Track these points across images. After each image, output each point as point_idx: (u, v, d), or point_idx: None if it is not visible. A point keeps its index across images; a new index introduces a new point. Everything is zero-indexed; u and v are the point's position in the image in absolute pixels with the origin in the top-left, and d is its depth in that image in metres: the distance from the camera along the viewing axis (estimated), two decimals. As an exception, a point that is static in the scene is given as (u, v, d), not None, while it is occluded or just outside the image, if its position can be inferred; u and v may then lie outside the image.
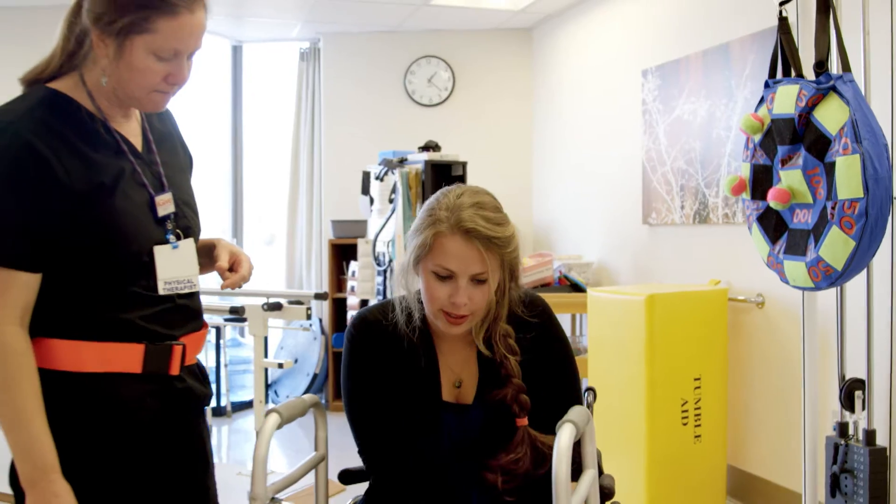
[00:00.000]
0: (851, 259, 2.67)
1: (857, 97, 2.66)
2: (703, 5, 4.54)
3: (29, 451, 1.54)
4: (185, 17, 1.60)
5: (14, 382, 1.54)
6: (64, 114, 1.64)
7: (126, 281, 1.66)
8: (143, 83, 1.63)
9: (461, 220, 1.78)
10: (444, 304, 1.81)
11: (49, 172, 1.56)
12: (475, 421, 1.91)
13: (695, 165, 4.54)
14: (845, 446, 3.19)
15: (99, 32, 1.60)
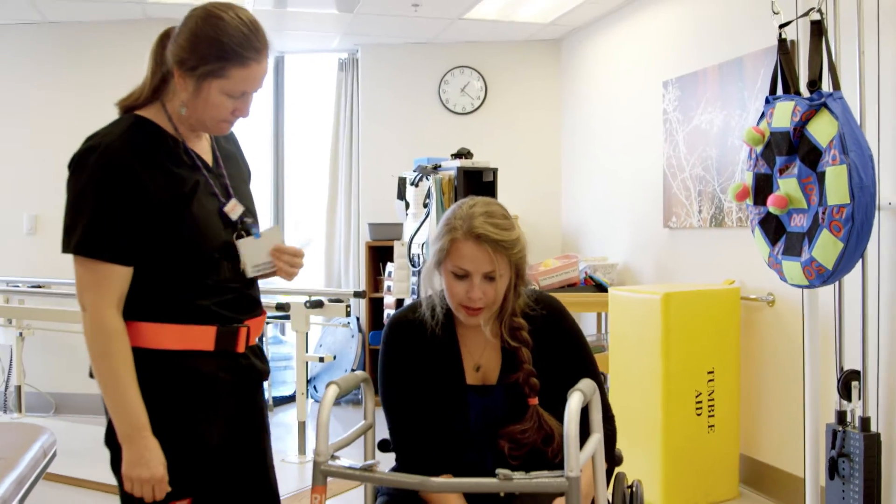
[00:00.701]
0: (840, 259, 2.95)
1: (845, 113, 2.93)
2: (718, 21, 4.81)
3: (125, 413, 1.87)
4: (254, 67, 1.93)
5: (113, 356, 1.87)
6: (149, 136, 1.97)
7: (201, 273, 1.98)
8: (215, 115, 1.97)
9: (473, 227, 2.09)
10: (462, 299, 2.12)
11: (138, 184, 1.88)
12: (498, 400, 2.20)
13: (711, 172, 4.80)
14: (843, 433, 3.45)
15: (181, 73, 1.93)
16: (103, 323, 1.87)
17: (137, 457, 1.87)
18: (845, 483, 3.45)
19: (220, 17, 1.92)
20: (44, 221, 6.40)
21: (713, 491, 4.35)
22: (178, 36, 1.95)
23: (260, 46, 1.95)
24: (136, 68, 6.02)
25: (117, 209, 1.87)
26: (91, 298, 1.88)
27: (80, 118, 6.18)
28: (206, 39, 1.90)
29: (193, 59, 1.90)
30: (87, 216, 1.88)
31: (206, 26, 1.91)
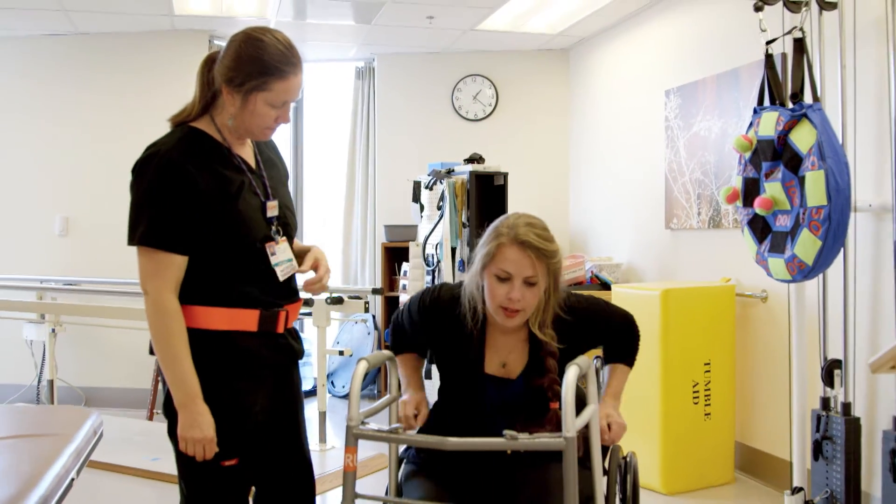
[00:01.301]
0: (819, 256, 3.24)
1: (823, 123, 3.23)
2: (716, 34, 5.09)
3: (181, 383, 2.17)
4: (292, 79, 2.24)
5: (172, 334, 2.17)
6: (201, 143, 2.27)
7: (246, 263, 2.28)
8: (261, 124, 2.28)
9: (518, 234, 2.36)
10: (502, 301, 2.36)
11: (193, 183, 2.19)
12: (516, 394, 2.46)
13: (710, 176, 5.09)
14: (826, 417, 3.74)
15: (229, 90, 2.23)
16: (163, 305, 2.17)
17: (191, 420, 2.16)
18: (829, 463, 3.73)
19: (259, 38, 2.23)
20: (74, 223, 6.72)
21: (709, 476, 4.63)
22: (223, 58, 2.25)
23: (295, 61, 2.26)
24: (163, 75, 6.58)
25: (175, 206, 2.18)
26: (153, 284, 2.18)
27: (111, 124, 6.60)
28: (250, 59, 2.20)
29: (240, 76, 2.20)
30: (149, 213, 2.18)
31: (248, 48, 2.21)
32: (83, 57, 6.68)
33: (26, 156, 6.71)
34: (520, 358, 2.48)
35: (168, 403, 2.25)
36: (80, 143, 6.69)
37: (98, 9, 5.95)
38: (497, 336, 2.50)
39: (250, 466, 2.33)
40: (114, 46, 6.67)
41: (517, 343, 2.48)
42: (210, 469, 2.23)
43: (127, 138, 6.64)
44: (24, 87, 6.71)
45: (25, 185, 6.71)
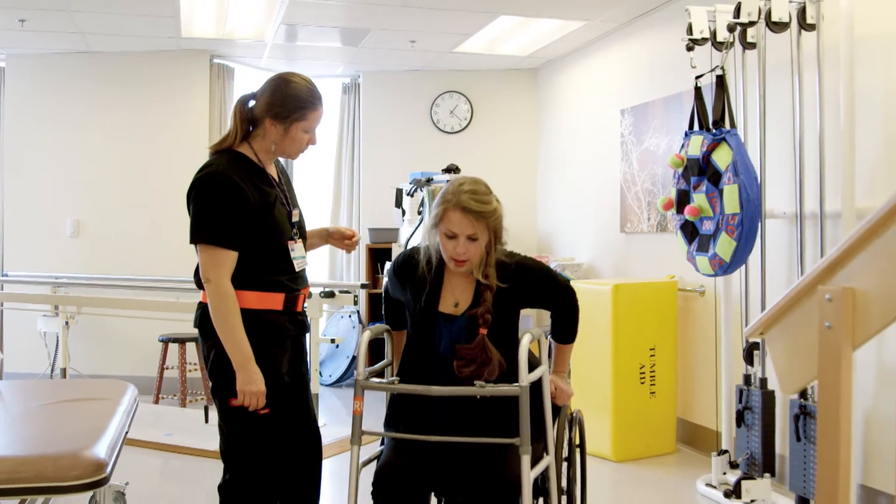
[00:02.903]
0: (734, 254, 3.95)
1: (738, 145, 3.94)
2: (664, 61, 5.81)
3: (239, 349, 2.78)
4: (320, 109, 2.92)
5: (230, 312, 2.79)
6: (245, 165, 2.90)
7: (277, 257, 2.94)
8: (298, 147, 2.94)
9: (460, 201, 2.80)
10: (452, 254, 2.84)
11: (244, 196, 2.82)
12: (461, 326, 2.94)
13: (658, 186, 5.81)
14: (747, 391, 4.44)
15: (273, 121, 2.86)
16: (223, 289, 2.79)
17: (248, 378, 2.78)
18: (749, 430, 4.43)
19: (293, 82, 2.89)
20: (84, 225, 7.34)
21: (654, 446, 5.34)
22: (262, 97, 2.88)
23: (320, 95, 2.92)
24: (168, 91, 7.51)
25: (231, 213, 2.80)
26: (214, 273, 2.80)
27: (120, 135, 7.25)
28: (290, 98, 2.85)
29: (284, 111, 2.84)
30: (211, 218, 2.80)
31: (286, 88, 2.86)
32: (95, 73, 7.32)
33: (42, 163, 7.34)
34: (468, 298, 2.93)
35: (215, 369, 2.87)
36: (91, 152, 7.32)
37: (112, 31, 6.59)
38: (452, 279, 2.96)
39: (279, 417, 2.97)
40: (124, 64, 7.31)
41: (467, 286, 2.94)
42: (249, 416, 2.85)
43: (135, 148, 7.34)
44: (42, 100, 7.34)
45: (40, 190, 7.34)
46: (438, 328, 2.93)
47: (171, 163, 7.32)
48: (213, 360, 2.90)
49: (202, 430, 5.69)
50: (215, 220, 2.79)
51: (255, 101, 2.91)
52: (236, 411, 2.86)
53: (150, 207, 7.33)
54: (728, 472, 4.54)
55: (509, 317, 2.96)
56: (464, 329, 2.89)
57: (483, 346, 2.83)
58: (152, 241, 7.31)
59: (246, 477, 2.88)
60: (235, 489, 2.90)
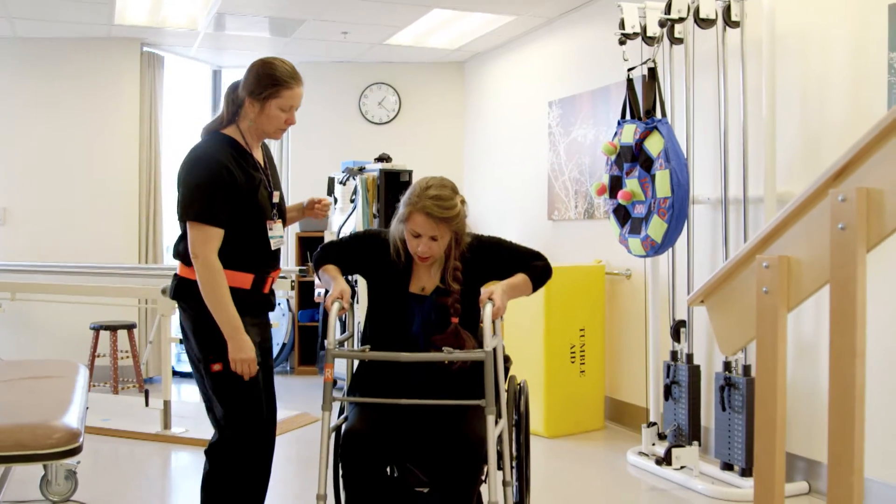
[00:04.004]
0: (665, 235, 4.21)
1: (669, 133, 4.20)
2: (591, 56, 6.07)
3: (228, 319, 2.88)
4: (296, 88, 3.00)
5: (219, 285, 2.88)
6: (233, 148, 2.98)
7: (253, 237, 3.02)
8: (275, 125, 3.01)
9: (424, 206, 2.98)
10: (415, 251, 3.06)
11: (233, 178, 2.90)
12: (428, 308, 3.13)
13: (585, 175, 6.07)
14: (674, 366, 4.72)
15: (250, 99, 2.97)
16: (212, 264, 2.88)
17: (239, 346, 2.89)
18: (676, 403, 4.72)
19: (271, 62, 2.99)
20: (12, 213, 7.25)
21: (584, 423, 5.60)
22: (246, 79, 2.98)
23: (297, 76, 2.99)
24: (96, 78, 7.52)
25: (219, 193, 2.89)
26: (202, 249, 2.87)
27: (46, 122, 7.16)
28: (265, 76, 2.95)
29: (259, 89, 2.94)
30: (201, 198, 2.85)
31: (264, 68, 2.96)
32: (23, 59, 7.23)
33: (-35, 150, 7.22)
34: (434, 281, 3.14)
35: (196, 335, 2.98)
36: (18, 140, 7.24)
37: (42, 17, 6.55)
38: (419, 266, 3.15)
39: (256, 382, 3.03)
40: (52, 50, 7.25)
41: (435, 270, 3.15)
42: (237, 382, 2.94)
43: (64, 135, 7.30)
44: (-36, 87, 7.22)
45: (-36, 177, 7.23)
46: (410, 309, 3.11)
47: (102, 151, 7.30)
48: (193, 329, 3.01)
49: (141, 415, 5.74)
50: (204, 199, 2.88)
51: (241, 83, 3.03)
52: (219, 376, 2.96)
53: (79, 195, 7.28)
54: (657, 444, 4.81)
55: (472, 294, 3.12)
56: (432, 311, 3.09)
57: (456, 333, 3.01)
58: (81, 229, 7.27)
59: (246, 434, 2.99)
60: (234, 448, 2.99)
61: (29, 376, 3.80)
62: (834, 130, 4.13)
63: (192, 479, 4.80)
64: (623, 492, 4.51)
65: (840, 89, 4.09)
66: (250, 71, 2.99)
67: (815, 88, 4.22)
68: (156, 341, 7.27)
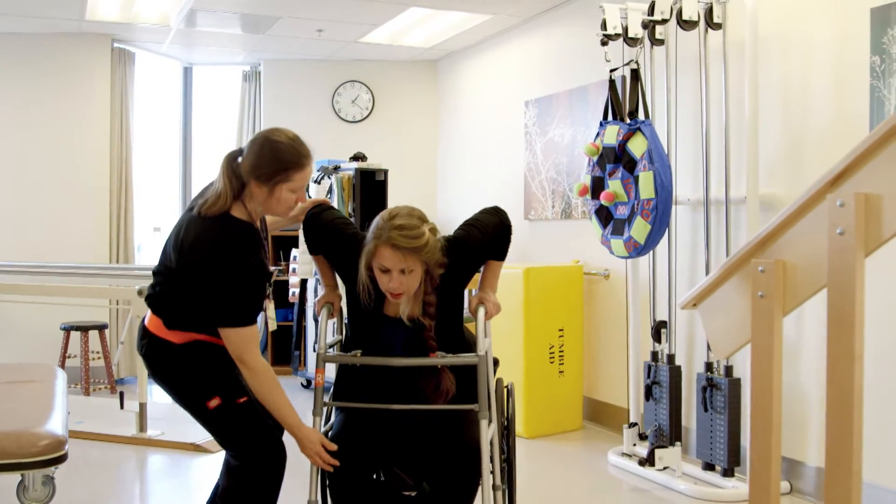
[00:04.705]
0: (649, 237, 4.21)
1: (652, 135, 4.20)
2: (569, 55, 6.07)
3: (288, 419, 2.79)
4: (307, 168, 2.85)
5: (274, 387, 2.80)
6: (249, 235, 2.82)
7: None
8: (285, 207, 2.87)
9: (390, 237, 2.75)
10: (387, 288, 2.82)
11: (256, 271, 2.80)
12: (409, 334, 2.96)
13: (562, 175, 6.07)
14: (655, 366, 4.73)
15: (256, 182, 2.77)
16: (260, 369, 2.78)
17: (304, 439, 2.81)
18: (657, 403, 4.73)
19: (276, 143, 2.78)
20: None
21: (563, 423, 5.61)
22: (247, 158, 2.79)
23: (306, 152, 2.82)
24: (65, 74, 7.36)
25: (251, 290, 2.80)
26: (249, 355, 2.76)
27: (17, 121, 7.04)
28: (272, 159, 2.75)
29: (267, 173, 2.75)
30: (237, 301, 2.74)
31: (270, 150, 2.77)
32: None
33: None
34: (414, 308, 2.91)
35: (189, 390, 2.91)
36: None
37: (11, 11, 6.43)
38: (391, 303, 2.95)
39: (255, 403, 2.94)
40: (21, 46, 7.12)
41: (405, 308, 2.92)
42: (233, 410, 2.87)
43: (31, 132, 7.16)
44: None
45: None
46: (386, 331, 2.97)
47: (72, 148, 7.19)
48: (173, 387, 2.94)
49: (115, 417, 5.65)
50: (241, 303, 2.78)
51: (242, 158, 2.84)
52: (219, 411, 2.88)
53: (49, 193, 7.16)
54: (637, 444, 4.82)
55: (454, 297, 3.04)
56: (412, 337, 2.93)
57: (438, 376, 2.90)
58: (51, 228, 7.15)
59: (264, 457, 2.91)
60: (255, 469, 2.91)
61: (5, 381, 3.73)
62: (816, 133, 4.15)
63: (172, 482, 4.74)
64: (605, 492, 4.52)
65: (822, 92, 4.12)
66: (254, 152, 2.79)
67: (798, 91, 4.25)
68: (127, 342, 7.18)
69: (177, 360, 2.90)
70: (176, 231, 2.89)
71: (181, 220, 2.90)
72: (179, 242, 2.83)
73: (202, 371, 2.89)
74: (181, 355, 2.90)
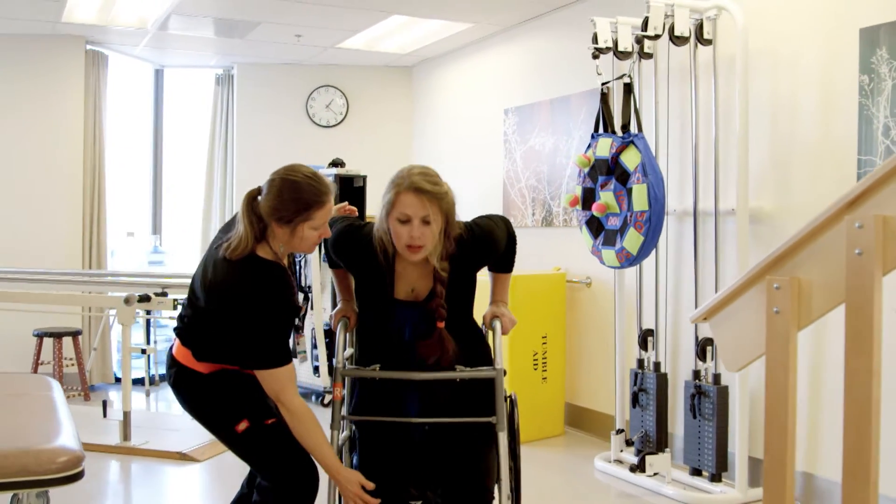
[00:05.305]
0: (642, 248, 4.29)
1: (646, 148, 4.28)
2: (550, 65, 6.14)
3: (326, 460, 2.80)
4: (328, 203, 2.81)
5: (312, 429, 2.79)
6: (280, 276, 2.82)
7: None
8: (311, 243, 2.85)
9: (412, 182, 2.75)
10: (406, 240, 2.77)
11: (289, 312, 2.83)
12: (420, 313, 2.96)
13: (543, 183, 6.14)
14: (641, 374, 4.81)
15: (277, 223, 2.75)
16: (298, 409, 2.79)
17: (343, 482, 2.82)
18: (643, 410, 4.81)
19: (295, 183, 2.73)
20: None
21: (545, 429, 5.67)
22: (266, 199, 2.75)
23: (326, 189, 2.77)
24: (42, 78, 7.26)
25: (285, 330, 2.84)
26: (287, 395, 2.77)
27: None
28: (291, 199, 2.72)
29: (287, 214, 2.72)
30: (273, 342, 2.77)
31: (289, 192, 2.72)
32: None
33: None
34: (427, 284, 2.92)
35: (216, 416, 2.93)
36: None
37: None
38: (406, 267, 2.91)
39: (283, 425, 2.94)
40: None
41: (424, 272, 2.91)
42: (263, 432, 2.88)
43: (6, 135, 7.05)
44: None
45: None
46: (397, 316, 2.95)
47: (45, 152, 7.09)
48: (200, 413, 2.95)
49: (96, 426, 5.59)
50: (275, 344, 2.80)
51: (261, 198, 2.80)
52: (248, 434, 2.89)
53: (21, 197, 7.06)
54: (624, 450, 4.90)
55: (466, 282, 3.01)
56: (423, 318, 2.93)
57: (440, 339, 2.91)
58: (24, 233, 7.04)
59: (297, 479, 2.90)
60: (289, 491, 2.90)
61: (10, 394, 3.68)
62: (804, 148, 4.26)
63: (159, 492, 4.72)
64: (594, 498, 4.59)
65: (810, 108, 4.23)
66: (273, 194, 2.76)
67: (786, 106, 4.35)
68: (100, 348, 7.11)
69: (205, 388, 2.92)
70: (202, 269, 2.87)
71: (207, 258, 2.89)
72: (207, 283, 2.83)
73: (229, 396, 2.90)
74: (210, 384, 2.92)
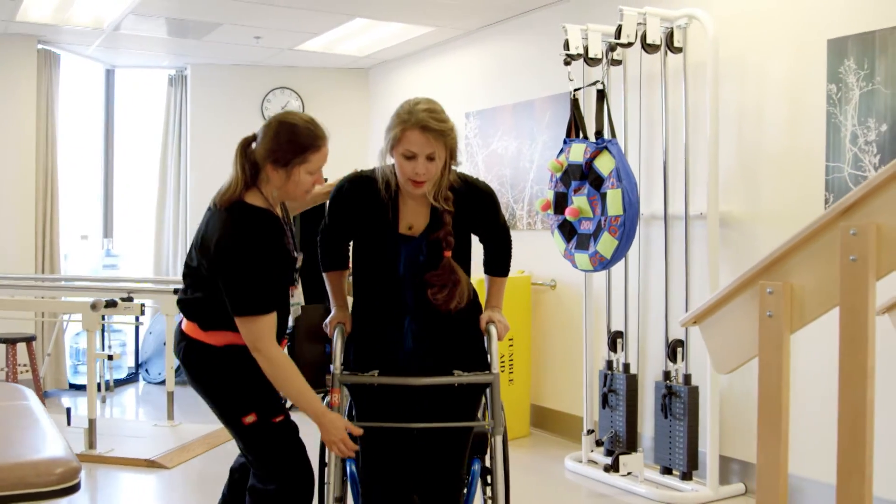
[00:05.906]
0: (616, 251, 4.36)
1: (619, 154, 4.35)
2: (513, 69, 6.19)
3: (311, 405, 2.75)
4: (325, 148, 2.84)
5: (291, 376, 2.75)
6: (268, 223, 2.79)
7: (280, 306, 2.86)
8: (303, 189, 2.84)
9: (419, 119, 2.76)
10: (410, 175, 2.78)
11: (274, 260, 2.77)
12: (421, 249, 2.96)
13: (506, 187, 6.19)
14: (611, 375, 4.89)
15: (272, 166, 2.75)
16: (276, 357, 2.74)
17: (328, 428, 2.78)
18: (612, 411, 4.89)
19: (292, 124, 2.76)
20: None
21: (511, 430, 5.66)
22: (262, 143, 2.77)
23: (323, 134, 2.81)
24: None
25: (268, 279, 2.75)
26: (263, 343, 2.71)
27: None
28: (289, 142, 2.74)
29: (284, 156, 2.74)
30: (253, 290, 2.71)
31: (286, 133, 2.75)
32: None
33: None
34: (423, 220, 2.92)
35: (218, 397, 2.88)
36: None
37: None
38: (406, 202, 2.92)
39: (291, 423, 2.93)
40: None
41: (421, 209, 2.92)
42: (267, 429, 2.85)
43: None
44: None
45: None
46: (397, 250, 2.94)
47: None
48: (210, 395, 2.91)
49: (58, 433, 5.48)
50: (255, 291, 2.74)
51: (256, 144, 2.82)
52: (254, 428, 2.86)
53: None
54: (594, 450, 4.98)
55: (462, 240, 3.03)
56: (421, 251, 2.92)
57: (450, 268, 2.90)
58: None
59: (291, 478, 2.88)
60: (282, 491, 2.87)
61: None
62: (772, 154, 4.37)
63: (133, 500, 4.65)
64: (568, 498, 4.65)
65: (778, 116, 4.34)
66: (270, 135, 2.78)
67: (754, 113, 4.46)
68: (53, 354, 6.99)
69: (217, 365, 2.87)
70: (200, 229, 2.87)
71: (205, 218, 2.88)
72: (200, 238, 2.83)
73: (241, 383, 2.85)
74: (221, 361, 2.86)
